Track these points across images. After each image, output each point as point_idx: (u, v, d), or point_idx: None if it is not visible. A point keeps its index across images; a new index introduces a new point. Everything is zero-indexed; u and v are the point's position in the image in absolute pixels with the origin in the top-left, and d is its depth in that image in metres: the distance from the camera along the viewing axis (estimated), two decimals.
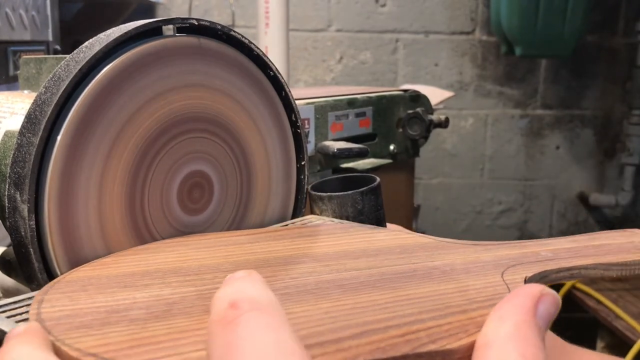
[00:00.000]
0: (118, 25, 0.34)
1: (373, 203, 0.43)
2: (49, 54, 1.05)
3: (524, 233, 1.99)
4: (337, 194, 0.42)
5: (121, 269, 0.31)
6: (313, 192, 0.43)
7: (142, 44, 0.33)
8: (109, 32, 0.33)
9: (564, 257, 0.31)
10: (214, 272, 0.30)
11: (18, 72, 0.44)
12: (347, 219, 0.42)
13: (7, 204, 0.31)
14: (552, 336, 0.50)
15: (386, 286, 0.27)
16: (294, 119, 0.42)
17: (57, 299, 0.27)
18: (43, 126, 0.30)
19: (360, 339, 0.22)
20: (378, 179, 0.44)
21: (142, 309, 0.26)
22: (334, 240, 0.35)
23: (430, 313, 0.25)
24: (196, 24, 0.36)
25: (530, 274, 0.29)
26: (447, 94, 1.31)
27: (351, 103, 0.71)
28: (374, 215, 0.43)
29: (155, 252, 0.33)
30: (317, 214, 0.43)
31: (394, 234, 0.36)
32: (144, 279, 0.30)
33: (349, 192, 0.42)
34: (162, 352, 0.22)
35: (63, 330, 0.24)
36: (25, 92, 0.43)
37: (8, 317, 0.27)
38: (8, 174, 0.31)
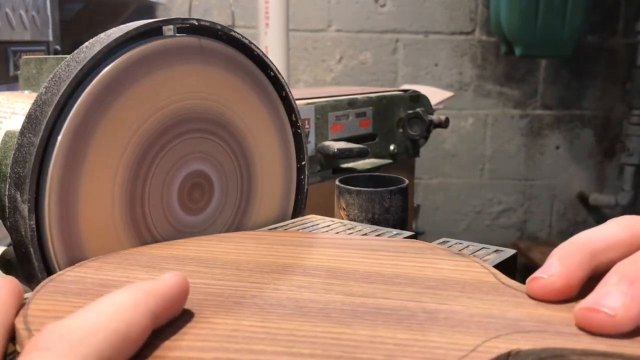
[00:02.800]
0: (118, 25, 0.34)
1: (400, 203, 0.43)
2: (49, 54, 1.05)
3: (524, 233, 1.99)
4: (366, 189, 0.42)
5: (172, 251, 0.32)
6: (342, 185, 0.43)
7: (142, 44, 0.33)
8: (109, 32, 0.33)
9: (620, 337, 0.23)
10: (227, 268, 0.30)
11: (18, 72, 0.44)
12: (373, 215, 0.42)
13: (7, 204, 0.31)
14: None
15: (337, 318, 0.25)
16: (294, 119, 0.42)
17: (91, 266, 0.29)
18: (44, 126, 0.30)
19: None
20: (407, 181, 0.44)
21: None
22: (386, 259, 0.32)
23: (323, 359, 0.22)
24: (196, 24, 0.36)
25: (526, 348, 0.22)
26: (447, 94, 1.31)
27: (351, 103, 0.71)
28: (399, 215, 0.43)
29: (223, 241, 0.35)
30: (342, 207, 0.43)
31: (462, 265, 0.31)
32: (170, 263, 0.31)
33: (379, 189, 0.42)
34: None
35: (45, 292, 0.26)
36: (26, 92, 0.43)
37: None
38: (8, 174, 0.31)
